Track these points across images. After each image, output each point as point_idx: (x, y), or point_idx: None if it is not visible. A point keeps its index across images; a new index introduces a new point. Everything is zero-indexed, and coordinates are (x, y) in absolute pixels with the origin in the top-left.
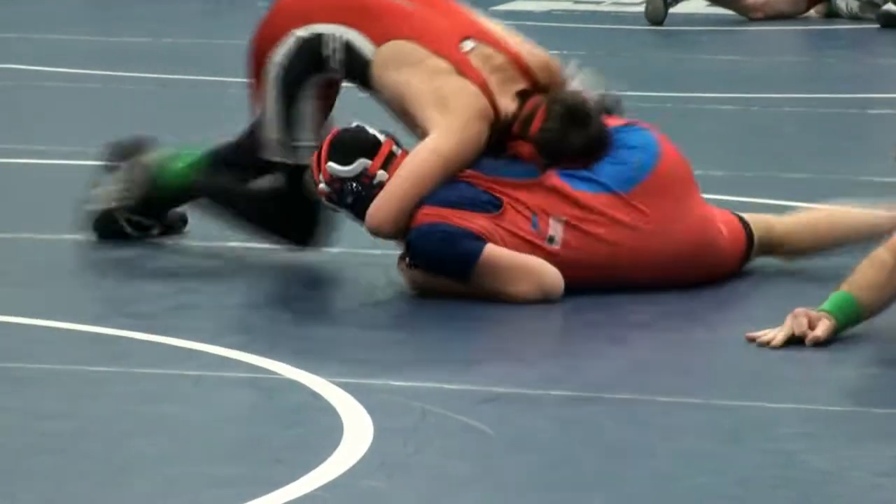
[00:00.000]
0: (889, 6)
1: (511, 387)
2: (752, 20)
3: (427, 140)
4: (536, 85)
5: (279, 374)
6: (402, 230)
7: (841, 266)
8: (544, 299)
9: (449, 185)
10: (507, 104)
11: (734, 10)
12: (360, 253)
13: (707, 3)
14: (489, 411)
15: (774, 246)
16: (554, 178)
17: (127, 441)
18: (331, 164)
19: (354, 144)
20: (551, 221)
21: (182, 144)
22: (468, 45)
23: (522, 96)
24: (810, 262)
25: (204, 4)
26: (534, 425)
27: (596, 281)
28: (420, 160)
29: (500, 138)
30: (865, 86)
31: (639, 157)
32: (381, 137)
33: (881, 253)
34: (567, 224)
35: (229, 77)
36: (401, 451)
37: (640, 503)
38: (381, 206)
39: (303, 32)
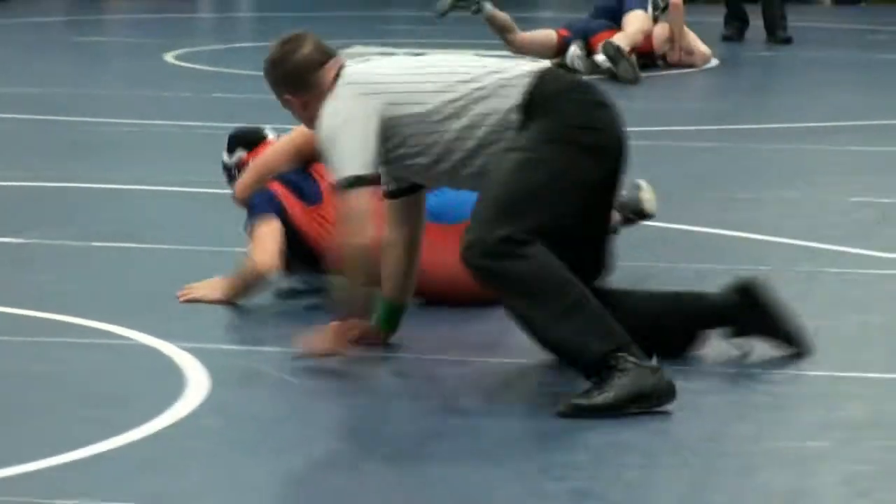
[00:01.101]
0: (600, 58)
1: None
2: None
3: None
4: None
5: (137, 342)
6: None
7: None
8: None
9: (297, 172)
10: None
11: (503, 39)
12: (203, 250)
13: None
14: (303, 369)
15: None
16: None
17: (17, 393)
18: (223, 154)
19: (240, 138)
20: None
21: None
22: None
23: None
24: None
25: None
26: (336, 378)
27: None
28: (274, 146)
29: None
30: None
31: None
32: (272, 136)
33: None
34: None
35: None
36: (232, 400)
37: (407, 433)
38: (240, 181)
39: None
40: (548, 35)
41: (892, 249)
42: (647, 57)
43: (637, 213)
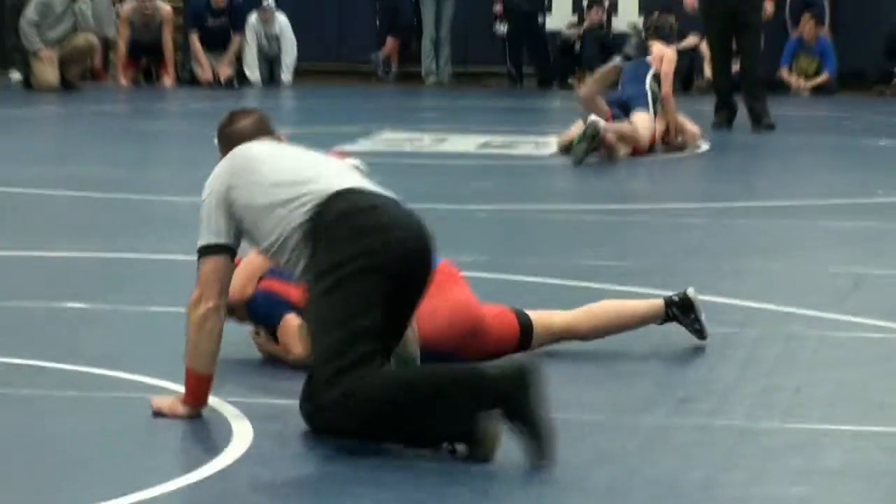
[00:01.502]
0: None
1: None
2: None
3: None
4: None
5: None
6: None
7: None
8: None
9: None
10: None
11: (586, 89)
12: None
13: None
14: None
15: (558, 335)
16: None
17: (81, 444)
18: None
19: None
20: None
21: None
22: None
23: None
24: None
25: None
26: None
27: None
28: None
29: None
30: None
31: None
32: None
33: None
34: None
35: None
36: (273, 447)
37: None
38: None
39: None
40: (604, 109)
41: (865, 314)
42: (650, 149)
43: (682, 300)
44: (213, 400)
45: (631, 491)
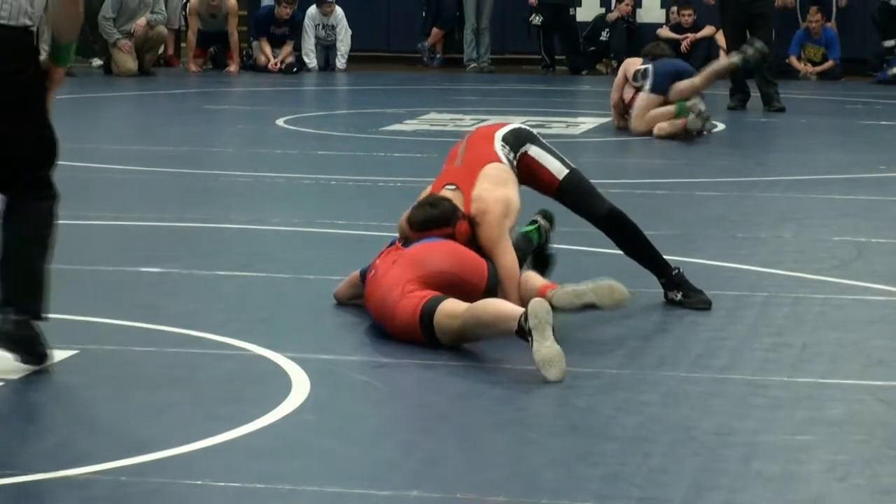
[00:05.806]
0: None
1: (392, 359)
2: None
3: None
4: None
5: (252, 352)
6: None
7: None
8: None
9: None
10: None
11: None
12: (304, 278)
13: None
14: (379, 374)
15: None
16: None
17: (159, 393)
18: None
19: None
20: (398, 244)
21: None
22: (449, 187)
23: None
24: None
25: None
26: (404, 381)
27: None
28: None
29: None
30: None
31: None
32: None
33: None
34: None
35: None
36: (327, 400)
37: (479, 433)
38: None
39: None
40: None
41: (866, 279)
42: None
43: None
44: (274, 356)
45: (653, 437)
